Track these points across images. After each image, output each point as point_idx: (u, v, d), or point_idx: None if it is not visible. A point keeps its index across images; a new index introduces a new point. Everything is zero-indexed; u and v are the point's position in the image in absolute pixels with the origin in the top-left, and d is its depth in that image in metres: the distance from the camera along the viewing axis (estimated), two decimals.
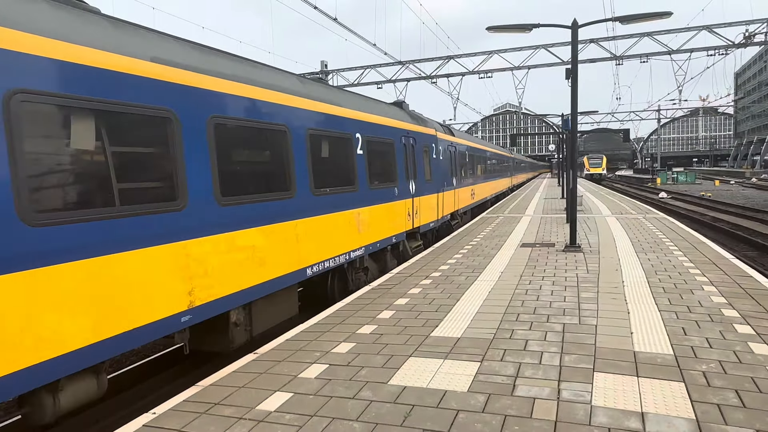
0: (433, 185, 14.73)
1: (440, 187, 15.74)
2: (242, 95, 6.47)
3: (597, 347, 5.47)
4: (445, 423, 3.96)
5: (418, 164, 13.42)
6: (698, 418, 3.90)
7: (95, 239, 4.43)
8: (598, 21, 11.81)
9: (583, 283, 8.43)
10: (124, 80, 4.83)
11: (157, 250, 5.07)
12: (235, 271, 6.09)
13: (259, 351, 5.81)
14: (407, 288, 8.58)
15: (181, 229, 5.36)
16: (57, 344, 4.05)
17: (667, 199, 37.53)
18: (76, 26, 4.54)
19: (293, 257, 7.43)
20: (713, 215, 26.83)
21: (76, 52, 4.41)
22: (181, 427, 4.07)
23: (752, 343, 5.41)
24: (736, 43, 25.88)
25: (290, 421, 4.08)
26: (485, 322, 6.50)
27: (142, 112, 4.97)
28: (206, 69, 5.95)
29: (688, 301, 7.15)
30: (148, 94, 5.03)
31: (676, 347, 5.39)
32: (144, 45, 5.22)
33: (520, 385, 4.61)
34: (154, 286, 5.04)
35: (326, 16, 17.81)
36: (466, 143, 21.07)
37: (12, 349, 3.71)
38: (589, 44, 27.25)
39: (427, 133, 14.62)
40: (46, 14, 4.30)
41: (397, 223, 11.72)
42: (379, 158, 11.06)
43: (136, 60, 4.97)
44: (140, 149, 5.13)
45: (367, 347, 5.78)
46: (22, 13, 4.07)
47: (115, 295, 4.61)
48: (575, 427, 3.82)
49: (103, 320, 4.47)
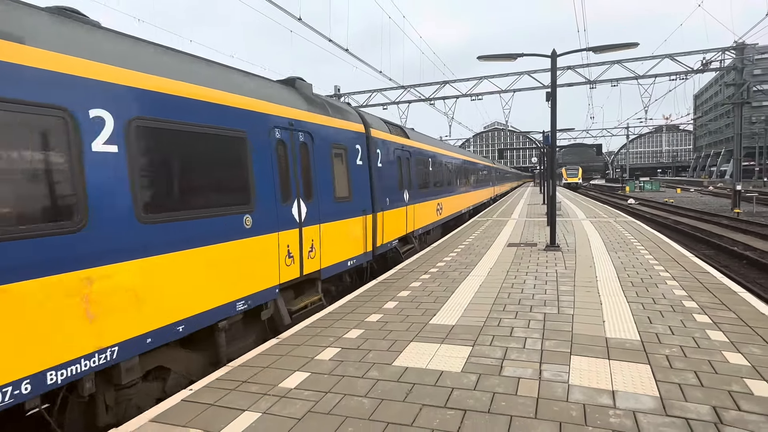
0: (353, 205, 8.87)
1: (375, 205, 9.81)
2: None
3: (573, 334, 5.46)
4: (442, 399, 3.97)
5: (319, 175, 7.59)
6: (662, 395, 3.89)
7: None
8: (574, 51, 11.79)
9: (561, 278, 8.41)
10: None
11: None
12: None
13: (281, 336, 5.83)
14: (409, 282, 8.58)
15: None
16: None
17: (634, 205, 37.30)
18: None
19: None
20: (675, 219, 26.68)
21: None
22: (214, 401, 4.10)
23: (709, 331, 5.39)
24: (695, 69, 25.75)
25: (308, 397, 4.10)
26: (476, 312, 6.50)
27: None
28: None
29: (653, 293, 7.12)
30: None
31: (643, 334, 5.37)
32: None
33: (506, 366, 4.61)
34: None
35: (339, 47, 17.86)
36: (429, 149, 15.38)
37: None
38: (567, 71, 27.17)
39: (342, 129, 8.69)
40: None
41: (247, 278, 5.75)
42: (192, 165, 5.10)
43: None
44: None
45: (374, 333, 5.79)
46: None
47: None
48: (555, 403, 3.82)
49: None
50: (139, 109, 4.42)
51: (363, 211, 9.29)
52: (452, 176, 19.00)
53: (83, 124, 3.87)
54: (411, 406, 3.86)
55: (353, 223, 8.88)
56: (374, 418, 3.69)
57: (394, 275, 9.26)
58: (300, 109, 7.32)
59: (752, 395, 3.84)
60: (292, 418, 3.74)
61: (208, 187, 5.25)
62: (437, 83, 30.81)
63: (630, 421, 3.50)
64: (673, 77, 26.39)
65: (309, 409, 3.87)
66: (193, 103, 5.11)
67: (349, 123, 9.08)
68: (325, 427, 3.58)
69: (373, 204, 9.73)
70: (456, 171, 19.95)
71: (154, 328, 4.41)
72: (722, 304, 6.42)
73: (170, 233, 4.63)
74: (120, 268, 4.09)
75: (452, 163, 19.11)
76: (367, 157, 9.70)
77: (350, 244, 8.75)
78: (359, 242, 9.15)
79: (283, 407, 3.93)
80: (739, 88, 26.24)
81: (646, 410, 3.65)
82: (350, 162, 8.89)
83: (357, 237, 9.06)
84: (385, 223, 10.34)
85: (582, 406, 3.75)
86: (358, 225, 9.07)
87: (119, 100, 4.22)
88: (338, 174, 8.32)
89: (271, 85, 7.04)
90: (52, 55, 3.72)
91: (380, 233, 10.05)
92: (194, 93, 5.14)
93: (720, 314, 5.99)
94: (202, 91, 5.26)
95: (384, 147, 10.71)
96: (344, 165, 8.67)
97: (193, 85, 5.15)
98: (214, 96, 5.42)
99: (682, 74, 26.09)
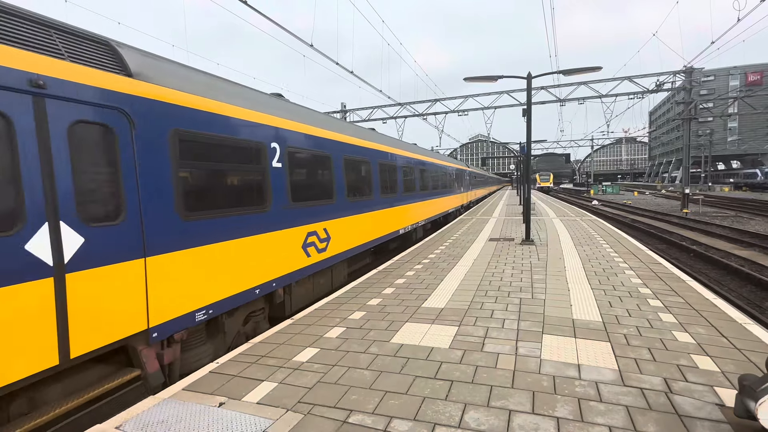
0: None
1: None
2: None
3: (545, 316, 5.46)
4: (432, 371, 3.98)
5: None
6: (620, 368, 3.89)
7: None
8: (546, 73, 11.76)
9: (535, 268, 8.40)
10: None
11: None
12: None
13: (296, 317, 5.83)
14: (404, 271, 8.58)
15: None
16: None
17: (598, 206, 37.31)
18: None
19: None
20: (633, 217, 26.68)
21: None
22: (237, 372, 4.10)
23: (661, 314, 5.39)
24: (650, 89, 25.71)
25: (317, 369, 4.10)
26: (462, 297, 6.50)
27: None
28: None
29: (614, 282, 7.12)
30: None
31: (604, 316, 5.37)
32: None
33: (487, 343, 4.61)
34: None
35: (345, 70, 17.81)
36: (316, 133, 7.33)
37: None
38: (540, 90, 27.12)
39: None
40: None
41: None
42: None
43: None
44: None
45: (374, 315, 5.79)
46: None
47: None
48: (529, 375, 3.82)
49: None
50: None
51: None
52: (383, 180, 10.46)
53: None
54: (406, 377, 3.86)
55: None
56: (374, 388, 3.69)
57: (392, 265, 9.26)
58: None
59: (697, 368, 3.84)
60: (304, 387, 3.74)
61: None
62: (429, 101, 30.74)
63: (593, 391, 3.50)
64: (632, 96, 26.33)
65: (318, 380, 3.88)
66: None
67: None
68: (332, 395, 3.58)
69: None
70: (386, 173, 10.83)
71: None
72: (672, 291, 6.42)
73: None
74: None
75: (376, 160, 10.01)
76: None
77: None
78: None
79: (296, 378, 3.93)
80: (687, 106, 26.21)
81: (606, 381, 3.65)
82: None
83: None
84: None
85: (552, 377, 3.76)
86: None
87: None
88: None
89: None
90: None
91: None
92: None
93: (670, 299, 6.00)
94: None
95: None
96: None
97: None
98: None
99: (639, 94, 26.05)
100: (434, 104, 30.72)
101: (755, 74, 76.15)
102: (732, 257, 13.65)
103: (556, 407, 3.27)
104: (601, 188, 65.44)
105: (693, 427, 2.96)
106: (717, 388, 3.48)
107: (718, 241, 16.85)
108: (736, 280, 11.27)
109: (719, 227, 20.17)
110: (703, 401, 3.30)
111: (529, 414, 3.20)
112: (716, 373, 3.75)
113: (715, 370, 3.80)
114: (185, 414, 3.38)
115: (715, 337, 4.57)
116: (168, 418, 3.33)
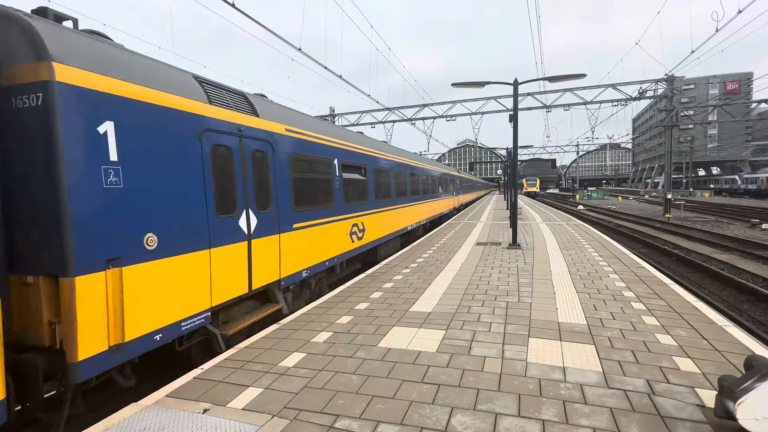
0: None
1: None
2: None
3: (531, 319, 5.50)
4: (419, 375, 3.97)
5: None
6: (604, 371, 3.94)
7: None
8: (533, 80, 11.94)
9: (521, 272, 8.47)
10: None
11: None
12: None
13: (282, 322, 5.77)
14: (393, 275, 8.57)
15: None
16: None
17: (583, 210, 37.85)
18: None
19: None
20: (617, 222, 27.12)
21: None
22: (222, 378, 4.04)
23: (644, 316, 5.48)
24: (633, 96, 26.27)
25: (304, 375, 4.07)
26: (449, 301, 6.52)
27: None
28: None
29: (598, 285, 7.22)
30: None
31: (589, 319, 5.44)
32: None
33: (474, 347, 4.63)
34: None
35: (334, 74, 17.80)
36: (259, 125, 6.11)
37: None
38: (527, 97, 27.46)
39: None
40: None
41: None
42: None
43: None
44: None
45: (362, 319, 5.76)
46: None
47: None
48: (515, 378, 3.85)
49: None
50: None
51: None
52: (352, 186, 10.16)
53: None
54: (393, 382, 3.85)
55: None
56: (361, 392, 3.67)
57: (380, 269, 9.25)
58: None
59: (679, 370, 3.91)
60: (290, 393, 3.70)
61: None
62: (418, 106, 30.88)
63: (578, 393, 3.53)
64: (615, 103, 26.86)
65: (305, 385, 3.84)
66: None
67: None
68: (319, 401, 3.55)
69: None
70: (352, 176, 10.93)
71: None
72: (655, 294, 6.54)
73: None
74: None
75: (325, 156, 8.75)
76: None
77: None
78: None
79: (283, 383, 3.89)
80: (669, 113, 26.84)
81: (591, 383, 3.70)
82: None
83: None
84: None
85: (538, 380, 3.78)
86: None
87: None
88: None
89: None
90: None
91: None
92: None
93: (653, 302, 6.10)
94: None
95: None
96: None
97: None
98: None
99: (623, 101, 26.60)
100: (422, 109, 30.87)
101: (733, 83, 78.55)
102: (712, 261, 13.96)
103: (541, 410, 3.29)
104: (587, 193, 66.41)
105: (675, 428, 3.01)
106: (698, 389, 3.55)
107: (699, 245, 17.23)
108: (716, 283, 11.53)
109: (700, 231, 20.63)
110: (684, 402, 3.36)
111: (515, 417, 3.21)
112: (697, 374, 3.82)
113: (696, 371, 3.88)
114: (168, 421, 3.31)
115: (696, 339, 4.66)
116: (150, 425, 3.26)
